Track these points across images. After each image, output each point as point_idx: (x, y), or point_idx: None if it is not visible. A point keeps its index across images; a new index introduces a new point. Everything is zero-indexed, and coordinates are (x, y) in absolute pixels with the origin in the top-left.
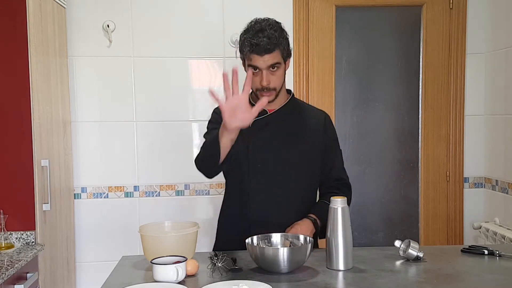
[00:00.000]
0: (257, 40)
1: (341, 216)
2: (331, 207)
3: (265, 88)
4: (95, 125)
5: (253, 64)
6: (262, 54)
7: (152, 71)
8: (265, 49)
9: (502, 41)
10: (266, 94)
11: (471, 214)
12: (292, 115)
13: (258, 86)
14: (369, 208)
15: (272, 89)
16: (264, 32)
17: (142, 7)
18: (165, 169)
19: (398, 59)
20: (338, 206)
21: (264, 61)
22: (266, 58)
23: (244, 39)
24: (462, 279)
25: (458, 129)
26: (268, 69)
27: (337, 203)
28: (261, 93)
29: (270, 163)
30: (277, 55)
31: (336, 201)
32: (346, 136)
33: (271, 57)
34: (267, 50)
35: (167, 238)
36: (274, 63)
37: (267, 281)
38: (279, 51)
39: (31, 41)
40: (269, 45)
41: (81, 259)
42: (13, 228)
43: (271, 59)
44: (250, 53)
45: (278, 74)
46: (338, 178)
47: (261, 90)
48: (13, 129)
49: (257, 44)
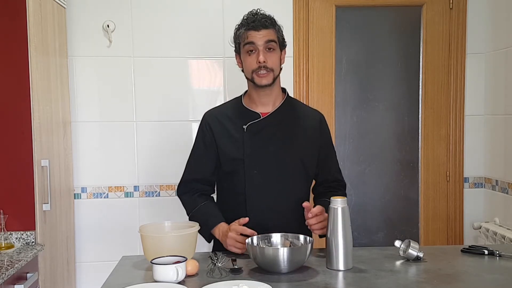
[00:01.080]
0: (254, 18)
1: (341, 216)
2: (331, 207)
3: (262, 67)
4: (95, 125)
5: (249, 40)
6: (259, 28)
7: (152, 71)
8: (261, 23)
9: (502, 41)
10: (263, 75)
11: (471, 214)
12: (287, 118)
13: (254, 66)
14: (369, 208)
15: (269, 69)
16: (259, 14)
17: (142, 7)
18: (165, 169)
19: (398, 59)
20: (338, 206)
21: (260, 36)
22: (262, 32)
23: (240, 25)
24: (462, 279)
25: (458, 129)
26: (264, 47)
27: (337, 203)
28: (257, 73)
29: (266, 169)
30: (273, 33)
31: (336, 201)
32: (346, 136)
33: (267, 33)
34: (263, 25)
35: (167, 238)
36: (270, 39)
37: (267, 281)
38: (275, 31)
39: (31, 41)
40: (265, 21)
41: (81, 259)
42: (13, 228)
43: (268, 35)
44: (247, 30)
45: (275, 56)
46: (335, 179)
47: (257, 70)
48: (13, 129)
49: (254, 20)
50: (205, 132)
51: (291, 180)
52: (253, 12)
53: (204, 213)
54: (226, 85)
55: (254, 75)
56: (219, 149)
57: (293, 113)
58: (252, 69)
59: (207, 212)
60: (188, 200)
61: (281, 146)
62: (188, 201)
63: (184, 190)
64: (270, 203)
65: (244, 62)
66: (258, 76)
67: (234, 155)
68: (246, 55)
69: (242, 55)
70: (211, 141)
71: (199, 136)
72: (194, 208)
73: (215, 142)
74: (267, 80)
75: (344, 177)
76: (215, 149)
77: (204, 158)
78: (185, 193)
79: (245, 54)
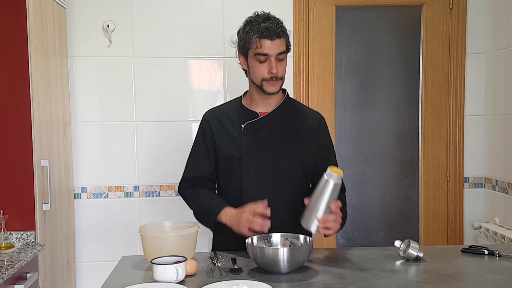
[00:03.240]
0: (267, 24)
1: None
2: (324, 178)
3: (273, 77)
4: (95, 125)
5: (262, 52)
6: (274, 38)
7: (152, 71)
8: (276, 33)
9: (502, 41)
10: (273, 83)
11: (471, 214)
12: (285, 118)
13: (265, 75)
14: (369, 208)
15: (279, 78)
16: (271, 19)
17: (142, 7)
18: (165, 169)
19: (398, 59)
20: (331, 180)
21: (275, 47)
22: (277, 43)
23: (249, 28)
24: (462, 279)
25: (458, 129)
26: (276, 58)
27: (332, 177)
28: (268, 82)
29: (263, 167)
30: (284, 43)
31: (332, 175)
32: (346, 136)
33: (281, 43)
34: (278, 35)
35: (167, 238)
36: (283, 50)
37: (267, 281)
38: (285, 39)
39: (31, 41)
40: (279, 29)
41: (81, 259)
42: (13, 228)
43: (281, 46)
44: (261, 38)
45: (284, 64)
46: None
47: (268, 80)
48: (13, 129)
49: (267, 28)
50: (205, 131)
51: (288, 179)
52: (264, 16)
53: (208, 200)
54: (226, 85)
55: (264, 82)
56: (217, 147)
57: (291, 112)
58: (262, 77)
59: (212, 199)
60: (190, 194)
61: (279, 145)
62: (190, 195)
63: (185, 187)
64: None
65: (252, 68)
66: (268, 85)
67: (231, 153)
68: (256, 62)
69: (251, 60)
70: (210, 139)
71: (199, 134)
72: (197, 200)
73: (214, 140)
74: (276, 88)
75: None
76: (214, 147)
77: (204, 156)
78: (186, 189)
79: (255, 61)
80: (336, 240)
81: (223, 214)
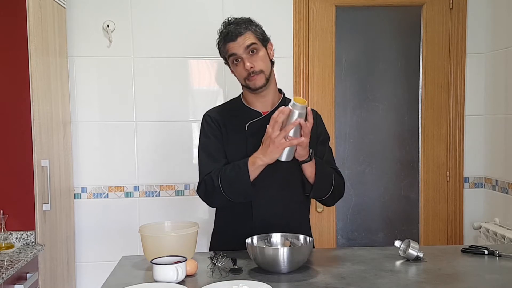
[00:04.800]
0: (227, 30)
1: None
2: (290, 108)
3: (251, 73)
4: (95, 125)
5: (231, 53)
6: (234, 38)
7: (152, 71)
8: (235, 33)
9: (502, 41)
10: (254, 78)
11: (471, 214)
12: None
13: (244, 74)
14: (369, 208)
15: (258, 72)
16: (232, 23)
17: (142, 7)
18: (165, 169)
19: (398, 59)
20: (296, 110)
21: (239, 45)
22: (239, 41)
23: (219, 39)
24: (462, 279)
25: (458, 129)
26: (246, 53)
27: (296, 107)
28: (249, 79)
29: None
30: (250, 36)
31: (296, 105)
32: (346, 136)
33: (244, 39)
34: (239, 33)
35: (167, 238)
36: (249, 44)
37: (267, 281)
38: (251, 33)
39: (31, 41)
40: (238, 29)
41: (81, 259)
42: (13, 228)
43: (245, 41)
44: (225, 43)
45: (260, 56)
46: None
47: (248, 77)
48: (13, 129)
49: (227, 33)
50: (213, 127)
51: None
52: (226, 22)
53: (230, 165)
54: (226, 85)
55: (247, 81)
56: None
57: None
58: (243, 77)
59: (232, 164)
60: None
61: None
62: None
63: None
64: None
65: (234, 71)
66: (250, 81)
67: (237, 152)
68: (234, 65)
69: (231, 65)
70: (220, 133)
71: (207, 130)
72: (218, 177)
73: (222, 135)
74: (259, 81)
75: (344, 177)
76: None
77: (217, 149)
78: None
79: (233, 65)
80: (336, 240)
81: (251, 158)
